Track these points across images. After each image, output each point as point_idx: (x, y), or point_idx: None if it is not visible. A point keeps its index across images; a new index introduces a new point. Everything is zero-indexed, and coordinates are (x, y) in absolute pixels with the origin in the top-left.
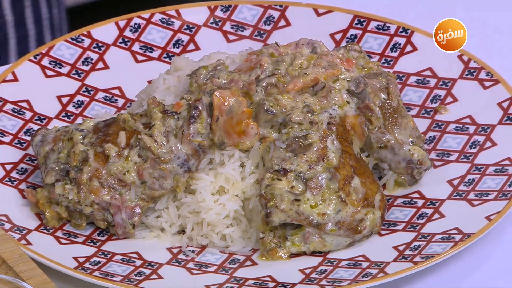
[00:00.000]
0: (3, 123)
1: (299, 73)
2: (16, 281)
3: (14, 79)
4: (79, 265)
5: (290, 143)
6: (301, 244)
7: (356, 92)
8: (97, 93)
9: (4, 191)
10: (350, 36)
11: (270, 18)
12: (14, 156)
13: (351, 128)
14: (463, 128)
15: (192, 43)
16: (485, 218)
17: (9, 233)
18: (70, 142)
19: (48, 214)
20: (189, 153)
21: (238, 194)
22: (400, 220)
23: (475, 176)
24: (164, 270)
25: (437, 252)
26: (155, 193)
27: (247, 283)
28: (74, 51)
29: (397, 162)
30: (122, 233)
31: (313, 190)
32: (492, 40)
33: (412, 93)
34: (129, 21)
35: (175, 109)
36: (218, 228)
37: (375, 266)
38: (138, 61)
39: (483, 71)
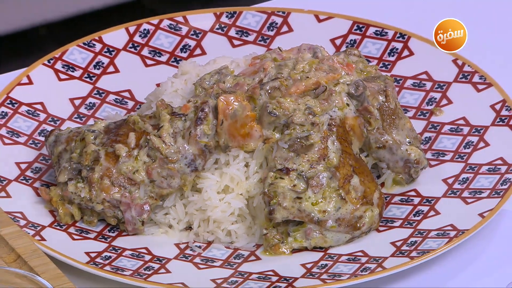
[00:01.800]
0: (18, 124)
1: (301, 77)
2: (30, 275)
3: (29, 82)
4: (91, 259)
5: (292, 144)
6: (303, 240)
7: (356, 95)
8: (108, 96)
9: (19, 189)
10: (349, 41)
11: (273, 24)
12: (29, 156)
13: (351, 129)
14: (458, 129)
15: (198, 48)
16: (478, 215)
17: (24, 229)
18: (82, 142)
19: (61, 211)
20: (195, 153)
21: (243, 193)
22: (397, 217)
23: (469, 175)
24: (172, 264)
25: (433, 247)
26: (163, 191)
27: (251, 277)
28: (86, 55)
29: (395, 161)
30: (131, 229)
31: (314, 189)
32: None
33: (409, 95)
34: (138, 27)
35: (183, 111)
36: (224, 225)
37: (373, 261)
38: (147, 65)
39: (477, 75)
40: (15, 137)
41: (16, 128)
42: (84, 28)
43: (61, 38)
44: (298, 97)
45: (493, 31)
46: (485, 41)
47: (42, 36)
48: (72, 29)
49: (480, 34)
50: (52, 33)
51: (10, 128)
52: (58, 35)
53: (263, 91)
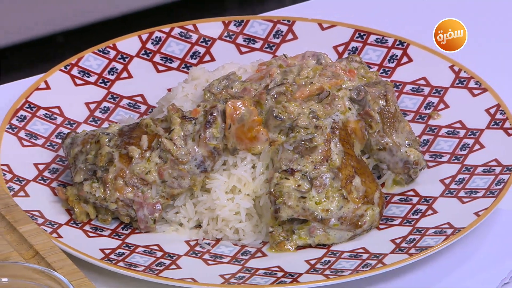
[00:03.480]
0: (36, 127)
1: (305, 82)
2: (48, 270)
3: (47, 87)
4: (105, 256)
5: (297, 146)
6: (307, 237)
7: (357, 100)
8: (122, 100)
9: (37, 189)
10: (351, 48)
11: (279, 32)
12: (46, 157)
13: (353, 132)
14: (454, 132)
15: (208, 54)
16: (474, 214)
17: (42, 227)
18: (97, 144)
19: (77, 210)
20: (205, 155)
21: (250, 193)
22: (397, 215)
23: (465, 176)
24: (182, 261)
25: (431, 244)
26: (174, 191)
27: (258, 273)
28: (101, 61)
29: (395, 162)
30: (144, 227)
31: (318, 188)
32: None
33: (408, 100)
34: (150, 35)
35: (193, 115)
36: (231, 223)
37: (374, 257)
38: (159, 71)
39: (472, 80)
40: (33, 139)
41: (34, 131)
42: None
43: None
44: (303, 102)
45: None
46: (485, 41)
47: (59, 44)
48: (88, 37)
49: (480, 34)
50: (69, 41)
51: (28, 131)
52: (74, 43)
53: (269, 96)
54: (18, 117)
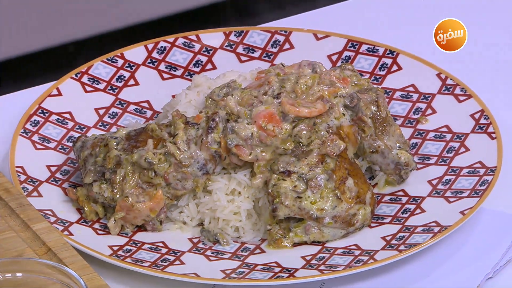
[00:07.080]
0: (49, 131)
1: (306, 88)
2: (59, 266)
3: (58, 93)
4: (113, 252)
5: (294, 149)
6: (303, 235)
7: (351, 106)
8: (129, 106)
9: (50, 189)
10: (344, 57)
11: (277, 42)
12: (58, 160)
13: (346, 136)
14: (441, 136)
15: (210, 63)
16: (459, 212)
17: (54, 225)
18: (106, 148)
19: (87, 209)
20: (207, 158)
21: (249, 196)
22: (387, 214)
23: (451, 177)
24: (185, 257)
25: (419, 241)
26: (178, 192)
27: (257, 268)
28: (109, 70)
29: (386, 164)
30: (151, 229)
31: (313, 189)
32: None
33: (398, 106)
34: (156, 44)
35: (196, 120)
36: (232, 222)
37: (366, 253)
38: (164, 78)
39: (458, 87)
40: (46, 143)
41: (47, 135)
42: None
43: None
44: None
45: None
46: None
47: (70, 53)
48: (97, 46)
49: (480, 34)
50: (79, 50)
51: (41, 135)
52: (84, 52)
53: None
54: (31, 122)
